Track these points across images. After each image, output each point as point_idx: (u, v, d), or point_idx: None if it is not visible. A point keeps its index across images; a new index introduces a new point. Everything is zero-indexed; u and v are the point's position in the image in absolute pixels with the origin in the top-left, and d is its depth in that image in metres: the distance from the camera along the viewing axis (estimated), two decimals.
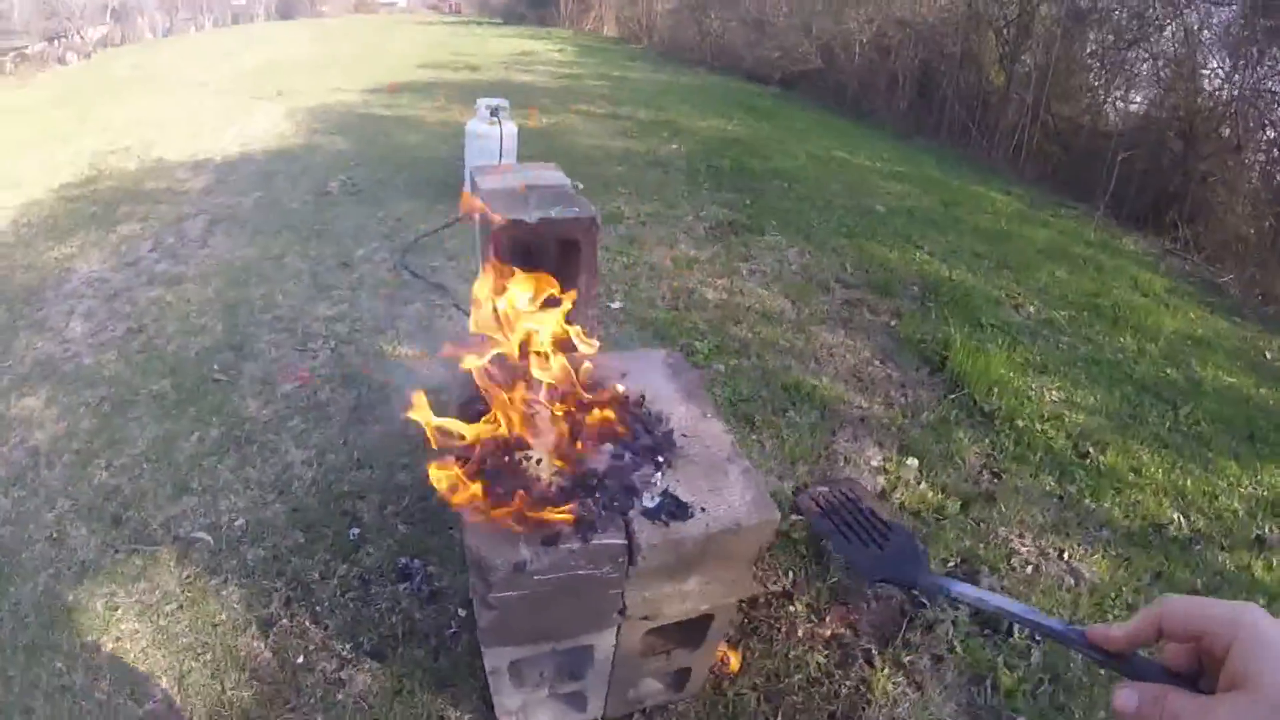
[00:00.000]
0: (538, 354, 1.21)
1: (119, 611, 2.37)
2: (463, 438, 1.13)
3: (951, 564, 2.47)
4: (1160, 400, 3.72)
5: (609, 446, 1.17)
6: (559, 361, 1.21)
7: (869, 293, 4.41)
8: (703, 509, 1.15)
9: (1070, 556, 2.64)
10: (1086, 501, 2.91)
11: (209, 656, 2.21)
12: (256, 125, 8.60)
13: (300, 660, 2.16)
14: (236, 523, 2.64)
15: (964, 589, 0.67)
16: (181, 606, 2.36)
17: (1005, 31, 9.79)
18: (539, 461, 1.15)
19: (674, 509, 1.13)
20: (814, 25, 12.28)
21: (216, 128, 8.63)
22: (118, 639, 2.30)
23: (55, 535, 2.69)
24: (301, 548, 2.50)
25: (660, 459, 1.20)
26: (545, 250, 1.65)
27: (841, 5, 11.96)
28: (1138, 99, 8.83)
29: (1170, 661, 0.53)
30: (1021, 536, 2.68)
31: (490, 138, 5.15)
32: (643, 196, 5.82)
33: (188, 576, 2.46)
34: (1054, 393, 3.63)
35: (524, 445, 1.17)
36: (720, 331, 3.80)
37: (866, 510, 0.81)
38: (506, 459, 1.14)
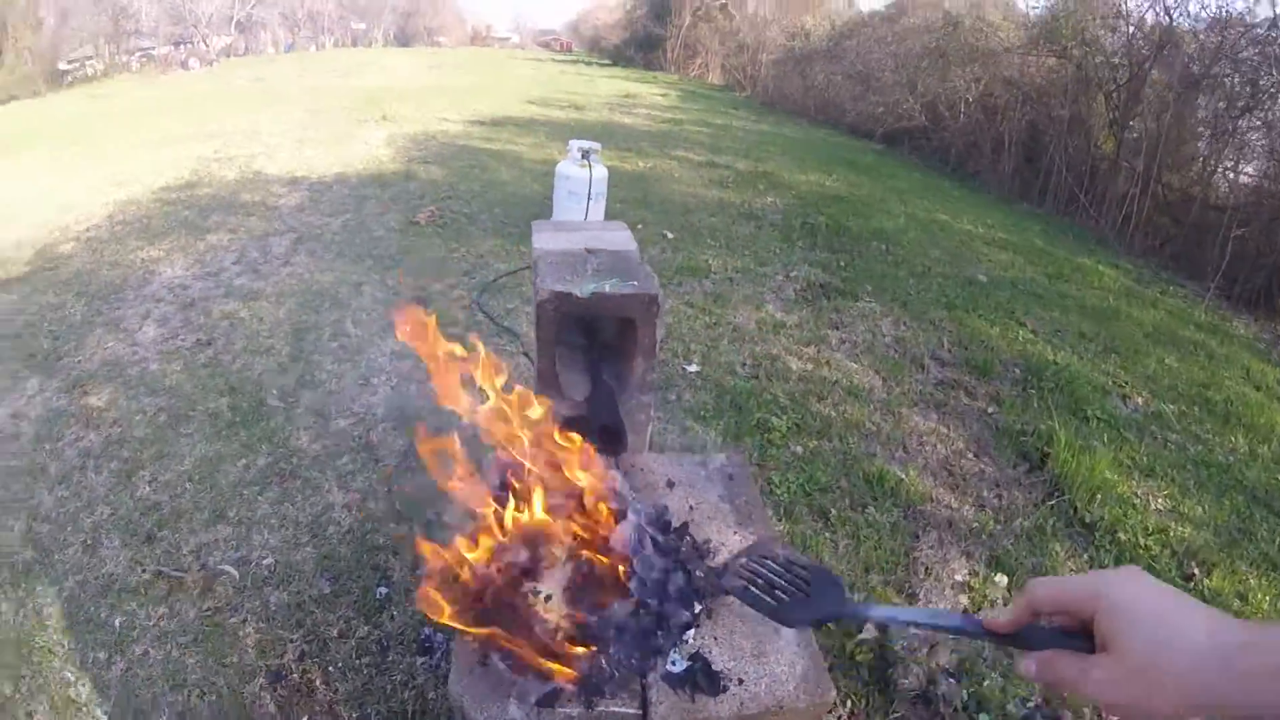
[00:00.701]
0: (552, 462, 1.03)
1: (135, 633, 2.32)
2: (461, 562, 0.95)
3: (1032, 703, 2.15)
4: (1271, 513, 3.28)
5: (636, 586, 0.96)
6: (583, 472, 1.03)
7: (967, 373, 4.06)
8: (740, 680, 0.93)
9: None
10: None
11: (214, 699, 2.10)
12: (357, 148, 8.84)
13: None
14: (265, 561, 2.54)
15: (878, 611, 0.76)
16: (197, 640, 2.27)
17: (1115, 96, 9.30)
18: (548, 599, 0.96)
19: (703, 679, 0.92)
20: (919, 82, 11.99)
21: (319, 147, 8.92)
22: (130, 662, 2.24)
23: (90, 542, 2.67)
24: (325, 599, 2.37)
25: (698, 607, 0.99)
26: (600, 322, 1.48)
27: (947, 63, 11.64)
28: (1249, 170, 8.21)
29: (1066, 625, 0.58)
30: None
31: (579, 180, 5.08)
32: (733, 250, 5.61)
33: (208, 609, 2.37)
34: (1160, 500, 3.23)
35: (532, 575, 0.98)
36: (801, 407, 3.52)
37: (784, 562, 0.85)
38: (510, 592, 0.96)
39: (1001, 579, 2.56)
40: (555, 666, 0.88)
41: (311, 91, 15.08)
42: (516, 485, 1.08)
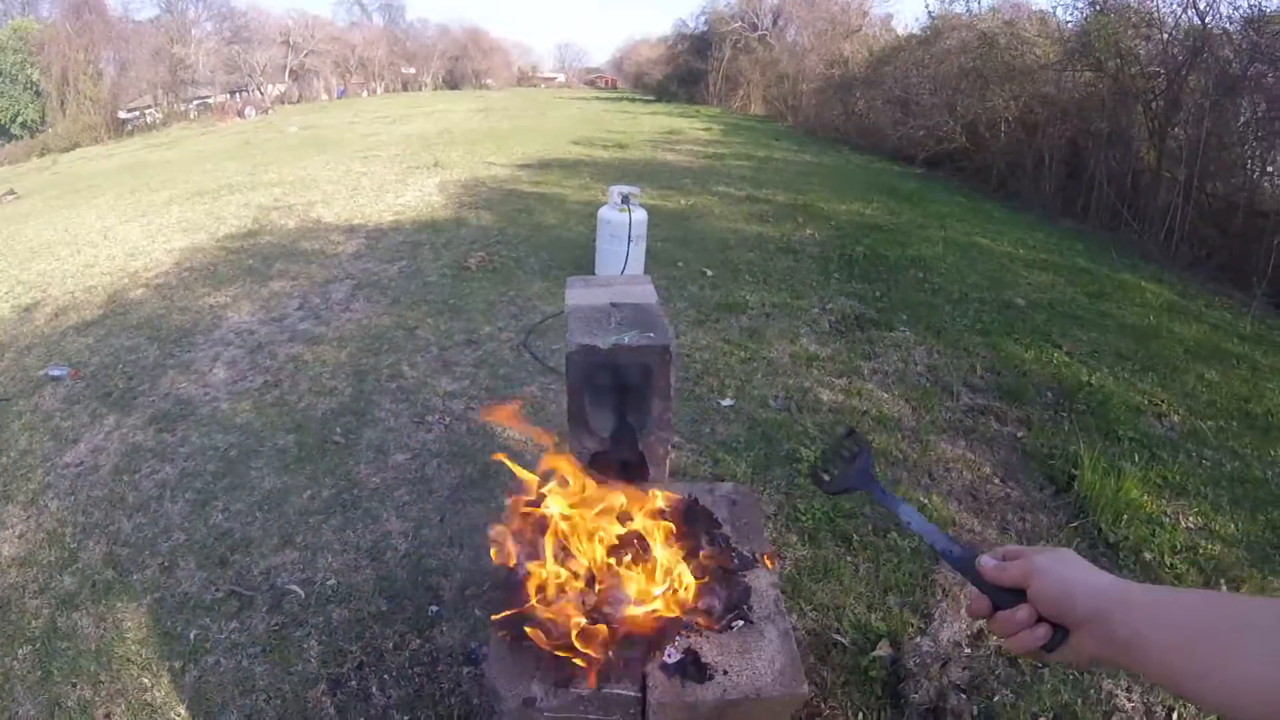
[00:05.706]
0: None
1: (208, 645, 2.55)
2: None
3: (1044, 719, 2.24)
4: None
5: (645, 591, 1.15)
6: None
7: (998, 399, 4.12)
8: (725, 672, 1.10)
9: (1180, 717, 2.33)
10: None
11: (279, 703, 2.32)
12: (410, 194, 9.23)
13: None
14: (329, 582, 2.77)
15: (904, 510, 0.84)
16: (265, 651, 2.50)
17: (1154, 105, 9.22)
18: (584, 601, 1.16)
19: (693, 669, 1.09)
20: (958, 103, 12.03)
21: (373, 194, 9.35)
22: (202, 670, 2.47)
23: (166, 564, 2.94)
24: (382, 615, 2.59)
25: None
26: (626, 368, 1.67)
27: (985, 83, 11.67)
28: None
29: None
30: (1129, 691, 2.39)
31: (619, 224, 5.34)
32: (770, 285, 5.75)
33: (275, 624, 2.60)
34: (1191, 519, 3.25)
35: (576, 576, 1.18)
36: (830, 438, 3.63)
37: (844, 435, 0.97)
38: (557, 588, 1.16)
39: None
40: (569, 656, 1.07)
41: (363, 139, 15.75)
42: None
